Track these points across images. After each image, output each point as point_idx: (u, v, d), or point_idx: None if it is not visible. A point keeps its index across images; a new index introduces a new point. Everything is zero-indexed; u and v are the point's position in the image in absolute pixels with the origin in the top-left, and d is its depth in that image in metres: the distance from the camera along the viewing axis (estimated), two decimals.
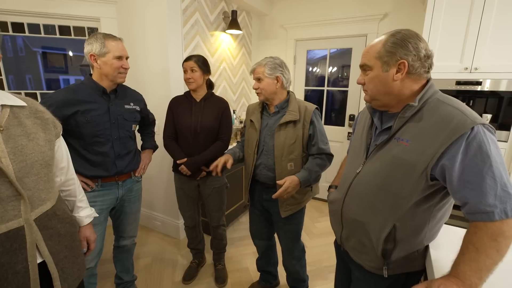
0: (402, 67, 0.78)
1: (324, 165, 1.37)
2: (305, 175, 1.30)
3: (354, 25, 2.69)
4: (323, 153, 1.36)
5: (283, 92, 1.42)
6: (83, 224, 1.05)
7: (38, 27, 2.08)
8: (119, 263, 1.63)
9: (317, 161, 1.35)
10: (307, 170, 1.32)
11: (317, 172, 1.34)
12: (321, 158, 1.36)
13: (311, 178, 1.31)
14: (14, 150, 0.74)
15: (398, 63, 0.78)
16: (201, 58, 1.63)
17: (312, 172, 1.32)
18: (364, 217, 0.88)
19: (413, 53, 0.77)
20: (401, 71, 0.79)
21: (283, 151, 1.36)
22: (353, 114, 2.88)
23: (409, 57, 0.77)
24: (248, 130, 1.52)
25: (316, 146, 1.36)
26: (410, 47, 0.77)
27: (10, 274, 0.73)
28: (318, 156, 1.36)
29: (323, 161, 1.36)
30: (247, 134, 1.53)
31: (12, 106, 0.79)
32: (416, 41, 0.78)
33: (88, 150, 1.29)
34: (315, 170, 1.33)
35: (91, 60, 1.25)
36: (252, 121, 1.48)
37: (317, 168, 1.34)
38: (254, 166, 1.47)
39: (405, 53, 0.77)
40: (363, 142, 0.95)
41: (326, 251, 2.20)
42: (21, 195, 0.74)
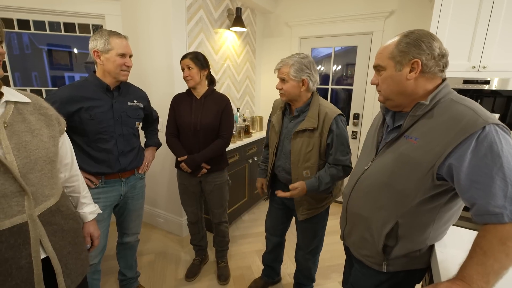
0: (416, 66, 0.78)
1: (339, 176, 1.30)
2: (313, 184, 1.27)
3: (359, 23, 2.65)
4: (340, 164, 1.29)
5: (307, 94, 1.34)
6: (87, 220, 1.05)
7: (44, 24, 2.09)
8: (123, 260, 1.64)
9: (331, 170, 1.29)
10: (317, 179, 1.28)
11: (327, 184, 1.28)
12: (336, 168, 1.29)
13: (319, 188, 1.27)
14: (18, 146, 0.74)
15: (411, 62, 0.78)
16: (197, 54, 1.61)
17: (322, 183, 1.27)
18: (367, 212, 0.88)
19: (426, 52, 0.77)
20: (415, 70, 0.78)
21: (299, 158, 1.33)
22: (357, 112, 2.86)
23: (422, 56, 0.77)
24: (270, 131, 1.52)
25: (333, 156, 1.29)
26: (424, 46, 0.77)
27: (14, 269, 0.73)
28: (335, 166, 1.30)
29: (338, 172, 1.29)
30: (270, 134, 1.53)
31: (17, 102, 0.80)
32: (429, 40, 0.77)
33: (92, 147, 1.29)
34: (325, 182, 1.27)
35: (94, 56, 1.25)
36: (273, 122, 1.47)
37: (327, 180, 1.28)
38: (273, 165, 1.48)
39: (418, 52, 0.77)
40: (374, 140, 0.95)
41: (330, 250, 2.19)
42: (25, 191, 0.74)
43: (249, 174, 2.66)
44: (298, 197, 1.36)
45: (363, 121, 2.83)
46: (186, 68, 1.59)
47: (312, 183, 1.27)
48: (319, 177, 1.28)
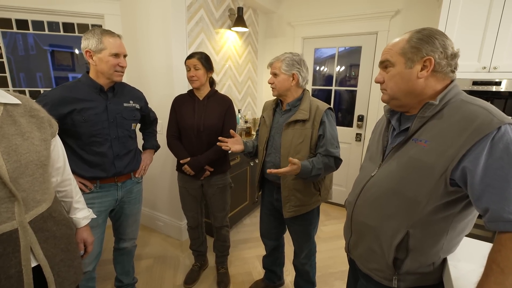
0: (428, 64, 0.73)
1: (330, 166, 1.29)
2: (307, 166, 1.23)
3: (364, 23, 2.59)
4: (331, 156, 1.30)
5: (298, 90, 1.38)
6: (80, 226, 1.02)
7: (42, 24, 2.06)
8: (119, 266, 1.60)
9: (324, 159, 1.28)
10: (311, 163, 1.25)
11: (320, 169, 1.25)
12: (328, 158, 1.29)
13: (312, 172, 1.23)
14: (8, 150, 0.71)
15: (423, 60, 0.74)
16: (204, 55, 1.58)
17: (315, 168, 1.24)
18: (375, 221, 0.82)
19: (439, 50, 0.73)
20: (427, 68, 0.74)
21: (290, 150, 1.32)
22: (361, 114, 2.79)
23: (435, 54, 0.73)
24: (261, 127, 1.52)
25: (324, 147, 1.29)
26: (437, 44, 0.73)
27: (2, 279, 0.70)
28: (327, 157, 1.30)
29: (329, 161, 1.29)
30: (260, 131, 1.53)
31: (6, 104, 0.76)
32: (443, 38, 0.73)
33: (86, 150, 1.25)
34: (318, 167, 1.25)
35: (86, 56, 1.21)
36: (264, 117, 1.47)
37: (320, 165, 1.26)
38: (262, 162, 1.46)
39: (431, 49, 0.73)
40: (379, 145, 0.90)
41: (333, 256, 2.13)
42: (15, 196, 0.71)
43: (250, 177, 2.61)
44: (286, 192, 1.36)
45: (368, 123, 2.77)
46: (192, 68, 1.54)
47: (305, 165, 1.23)
48: (312, 161, 1.26)
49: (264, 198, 1.58)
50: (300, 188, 1.36)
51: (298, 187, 1.35)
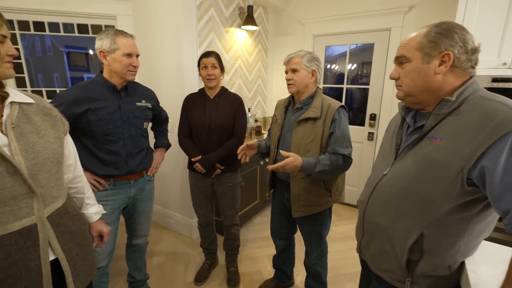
0: (447, 59, 0.71)
1: (338, 164, 1.24)
2: (310, 162, 1.19)
3: (376, 19, 2.54)
4: (339, 154, 1.25)
5: (313, 88, 1.37)
6: (92, 221, 1.04)
7: (58, 26, 2.12)
8: (131, 262, 1.63)
9: (331, 157, 1.24)
10: (315, 159, 1.21)
11: (325, 166, 1.21)
12: (336, 156, 1.24)
13: (315, 168, 1.19)
14: (26, 148, 0.74)
15: (442, 55, 0.71)
16: (218, 55, 1.61)
17: (319, 164, 1.20)
18: (387, 221, 0.80)
19: (459, 45, 0.70)
20: (445, 63, 0.71)
21: (300, 148, 1.30)
22: (374, 113, 2.74)
23: (454, 48, 0.70)
24: (273, 125, 1.51)
25: (331, 146, 1.27)
26: (457, 38, 0.70)
27: (23, 272, 0.72)
28: (335, 154, 1.25)
29: (337, 159, 1.24)
30: (272, 129, 1.53)
31: (21, 103, 0.78)
32: (463, 32, 0.70)
33: (100, 148, 1.27)
34: (323, 163, 1.21)
35: (100, 57, 1.23)
36: (276, 116, 1.47)
37: (327, 162, 1.21)
38: (273, 161, 1.45)
39: (450, 44, 0.70)
40: (393, 143, 0.87)
41: (344, 257, 2.10)
42: (34, 192, 0.73)
43: (261, 176, 2.60)
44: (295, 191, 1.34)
45: (380, 122, 2.71)
46: (210, 67, 1.55)
47: (308, 160, 1.19)
48: (317, 157, 1.23)
49: (275, 197, 1.57)
50: (310, 188, 1.34)
51: (308, 187, 1.33)
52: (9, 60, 0.72)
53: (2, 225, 0.68)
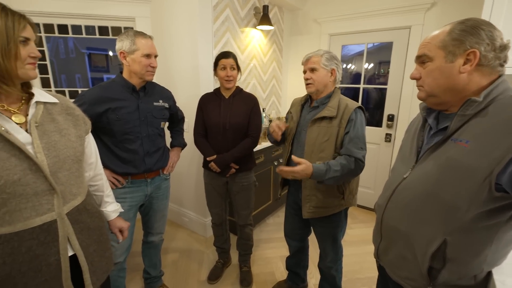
0: (472, 57, 0.67)
1: (350, 169, 1.19)
2: (320, 169, 1.16)
3: (395, 17, 2.46)
4: (351, 156, 1.21)
5: (332, 87, 1.35)
6: (110, 218, 1.07)
7: (80, 28, 2.20)
8: (147, 258, 1.66)
9: (343, 160, 1.20)
10: (326, 165, 1.18)
11: (336, 172, 1.17)
12: (348, 159, 1.20)
13: (327, 174, 1.16)
14: (48, 146, 0.76)
15: (466, 53, 0.67)
16: (235, 56, 1.62)
17: (330, 170, 1.17)
18: (407, 226, 0.77)
19: (486, 42, 0.66)
20: (471, 62, 0.67)
21: (314, 148, 1.29)
22: (392, 113, 2.66)
23: (481, 46, 0.66)
24: (288, 122, 1.50)
25: (345, 147, 1.23)
26: (483, 35, 0.66)
27: (43, 266, 0.75)
28: (347, 157, 1.22)
29: (349, 162, 1.20)
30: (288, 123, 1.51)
31: (46, 102, 0.81)
32: (490, 29, 0.67)
33: (119, 147, 1.31)
34: (334, 169, 1.17)
35: (120, 57, 1.26)
36: (292, 113, 1.46)
37: (338, 167, 1.18)
38: (287, 159, 1.44)
39: (476, 41, 0.66)
40: (413, 146, 0.84)
41: (360, 261, 2.05)
42: (54, 189, 0.75)
43: (274, 176, 2.59)
44: (307, 191, 1.34)
45: (399, 122, 2.62)
46: (229, 68, 1.56)
47: (319, 167, 1.17)
48: (328, 163, 1.19)
49: (289, 197, 1.56)
50: (322, 189, 1.31)
51: (320, 188, 1.31)
52: (31, 62, 0.74)
53: (24, 220, 0.71)
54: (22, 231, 0.71)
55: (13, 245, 0.70)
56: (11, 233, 0.70)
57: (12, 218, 0.70)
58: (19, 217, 0.70)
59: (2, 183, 0.66)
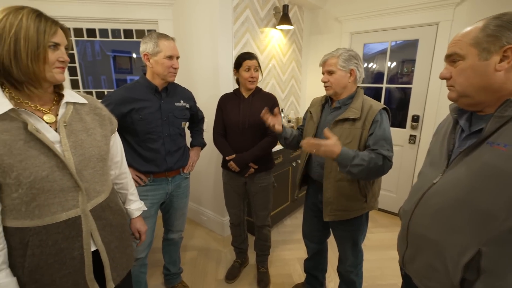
0: (510, 54, 0.62)
1: (377, 164, 1.11)
2: (348, 153, 1.08)
3: (422, 13, 2.35)
4: (380, 153, 1.14)
5: (353, 87, 1.31)
6: (133, 216, 1.10)
7: (107, 32, 2.29)
8: (167, 255, 1.70)
9: (371, 154, 1.13)
10: (354, 152, 1.11)
11: (363, 161, 1.09)
12: (376, 155, 1.13)
13: (354, 159, 1.08)
14: (75, 144, 0.79)
15: (503, 50, 0.63)
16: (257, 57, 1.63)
17: (358, 157, 1.09)
18: (437, 234, 0.73)
19: None
20: (508, 59, 0.63)
21: None
22: (417, 114, 2.54)
23: None
24: (307, 122, 1.47)
25: (372, 147, 1.17)
26: None
27: (68, 259, 0.78)
28: (375, 153, 1.14)
29: (377, 158, 1.12)
30: (306, 126, 1.48)
31: (75, 103, 0.85)
32: None
33: (142, 146, 1.35)
34: (362, 158, 1.09)
35: (144, 59, 1.30)
36: (312, 113, 1.42)
37: (366, 158, 1.10)
38: (306, 160, 1.41)
39: None
40: (443, 149, 0.79)
41: (381, 267, 1.98)
42: (79, 186, 0.78)
43: (293, 177, 2.56)
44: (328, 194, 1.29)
45: (424, 124, 2.51)
46: (253, 69, 1.57)
47: (347, 150, 1.09)
48: (357, 151, 1.13)
49: (308, 199, 1.53)
50: (345, 192, 1.28)
51: (343, 190, 1.27)
52: (60, 66, 0.76)
53: (52, 215, 0.74)
54: (50, 225, 0.74)
55: (41, 237, 0.74)
56: (40, 226, 0.74)
57: (41, 212, 0.73)
58: (47, 212, 0.74)
59: (32, 179, 0.70)
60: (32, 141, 0.71)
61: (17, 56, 0.68)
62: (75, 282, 0.80)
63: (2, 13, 0.68)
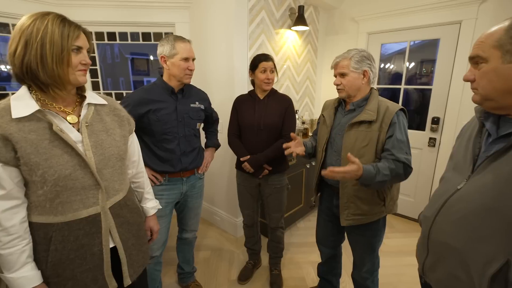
0: None
1: (398, 173, 1.12)
2: (370, 172, 1.07)
3: (443, 11, 2.27)
4: (399, 161, 1.13)
5: (367, 89, 1.28)
6: (149, 214, 1.12)
7: (126, 35, 2.36)
8: (181, 254, 1.73)
9: (391, 165, 1.12)
10: (375, 168, 1.09)
11: (385, 176, 1.09)
12: (396, 164, 1.12)
13: (376, 177, 1.08)
14: (96, 144, 0.82)
15: None
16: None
17: (380, 174, 1.08)
18: (461, 243, 0.70)
19: None
20: None
21: (352, 153, 1.20)
22: (437, 116, 2.45)
23: None
24: (320, 126, 1.44)
25: (391, 152, 1.15)
26: None
27: (88, 255, 0.81)
28: (394, 161, 1.13)
29: (397, 167, 1.12)
30: (319, 131, 1.45)
31: (96, 104, 0.88)
32: None
33: (158, 146, 1.38)
34: (384, 173, 1.09)
35: (161, 61, 1.33)
36: (324, 116, 1.39)
37: (387, 172, 1.10)
38: (321, 164, 1.38)
39: None
40: (469, 153, 0.75)
41: (397, 273, 1.92)
42: (99, 185, 0.81)
43: (306, 179, 2.54)
44: (345, 199, 1.27)
45: (445, 126, 2.41)
46: (269, 71, 1.57)
47: (369, 169, 1.07)
48: (376, 165, 1.10)
49: (323, 203, 1.50)
50: (362, 196, 1.24)
51: (360, 194, 1.24)
52: (82, 68, 0.79)
53: (74, 211, 0.78)
54: (72, 221, 0.78)
55: (64, 233, 0.77)
56: (62, 222, 0.77)
57: (64, 209, 0.77)
58: (70, 209, 0.77)
59: (56, 177, 0.73)
60: (56, 141, 0.74)
61: (43, 60, 0.71)
62: (94, 278, 0.83)
63: (30, 19, 0.71)
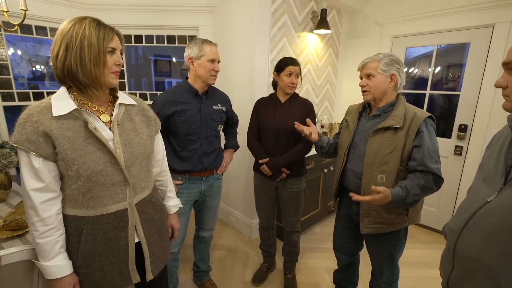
0: None
1: (428, 188, 1.10)
2: (400, 196, 1.07)
3: (474, 14, 2.17)
4: (429, 172, 1.10)
5: (393, 94, 1.25)
6: (170, 212, 1.15)
7: (152, 38, 2.45)
8: (197, 252, 1.76)
9: (420, 181, 1.09)
10: (404, 189, 1.08)
11: (416, 196, 1.08)
12: (425, 178, 1.09)
13: (407, 199, 1.07)
14: (125, 142, 0.86)
15: None
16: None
17: (410, 194, 1.07)
18: (491, 258, 0.66)
19: None
20: None
21: (375, 160, 1.19)
22: (464, 124, 2.35)
23: None
24: (343, 131, 1.42)
25: (420, 161, 1.11)
26: None
27: (115, 248, 0.85)
28: (423, 175, 1.10)
29: (427, 182, 1.09)
30: (341, 135, 1.43)
31: (127, 104, 0.92)
32: None
33: (182, 147, 1.42)
34: (414, 193, 1.07)
35: (188, 63, 1.38)
36: (348, 121, 1.37)
37: (417, 191, 1.08)
38: (342, 169, 1.36)
39: None
40: (500, 164, 0.72)
41: (417, 286, 1.85)
42: (127, 181, 0.85)
43: (324, 183, 2.50)
44: (366, 206, 1.24)
45: (473, 134, 2.30)
46: (294, 75, 1.58)
47: (397, 193, 1.07)
48: (405, 187, 1.08)
49: (341, 209, 1.47)
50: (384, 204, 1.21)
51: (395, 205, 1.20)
52: (116, 70, 0.84)
53: (104, 206, 0.82)
54: (101, 215, 0.82)
55: (94, 226, 0.82)
56: (93, 216, 0.81)
57: (95, 203, 0.81)
58: (100, 203, 0.81)
59: (89, 172, 0.77)
60: (90, 138, 0.79)
61: (82, 62, 0.76)
62: (120, 271, 0.87)
63: (69, 24, 0.77)
